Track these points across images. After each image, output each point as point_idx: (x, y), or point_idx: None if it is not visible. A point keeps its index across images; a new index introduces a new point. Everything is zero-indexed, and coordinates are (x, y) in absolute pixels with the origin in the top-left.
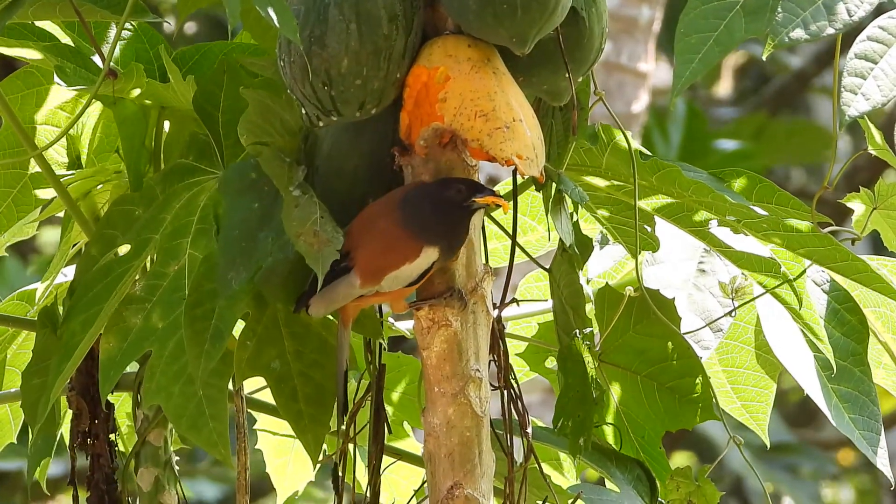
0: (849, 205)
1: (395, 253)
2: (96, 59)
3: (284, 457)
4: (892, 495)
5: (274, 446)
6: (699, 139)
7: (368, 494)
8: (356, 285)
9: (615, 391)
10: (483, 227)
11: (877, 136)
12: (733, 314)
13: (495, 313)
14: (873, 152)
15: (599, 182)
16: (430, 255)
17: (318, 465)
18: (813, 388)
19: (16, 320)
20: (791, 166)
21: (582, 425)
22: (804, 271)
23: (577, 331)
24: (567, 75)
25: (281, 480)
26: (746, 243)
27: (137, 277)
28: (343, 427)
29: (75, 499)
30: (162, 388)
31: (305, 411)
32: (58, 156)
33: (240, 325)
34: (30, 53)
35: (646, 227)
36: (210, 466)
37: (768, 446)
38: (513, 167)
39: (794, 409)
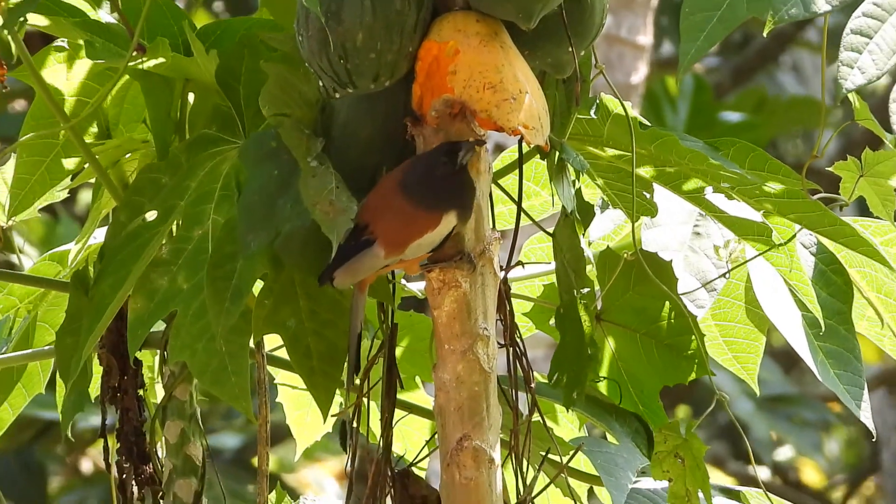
0: (837, 172)
1: (416, 224)
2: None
3: (303, 409)
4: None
5: (293, 399)
6: (705, 111)
7: (381, 445)
8: (381, 256)
9: (616, 348)
10: (490, 194)
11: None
12: (727, 276)
13: (502, 275)
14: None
15: (600, 152)
16: (449, 221)
17: (336, 418)
18: (800, 344)
19: (49, 282)
20: (791, 137)
21: (576, 379)
22: (794, 236)
23: (577, 291)
24: (570, 49)
25: (300, 431)
26: (739, 209)
27: (164, 242)
28: (356, 383)
29: (106, 450)
30: (187, 346)
31: (318, 367)
32: (88, 126)
33: (258, 287)
34: (61, 29)
35: (645, 193)
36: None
37: (758, 394)
38: (519, 136)
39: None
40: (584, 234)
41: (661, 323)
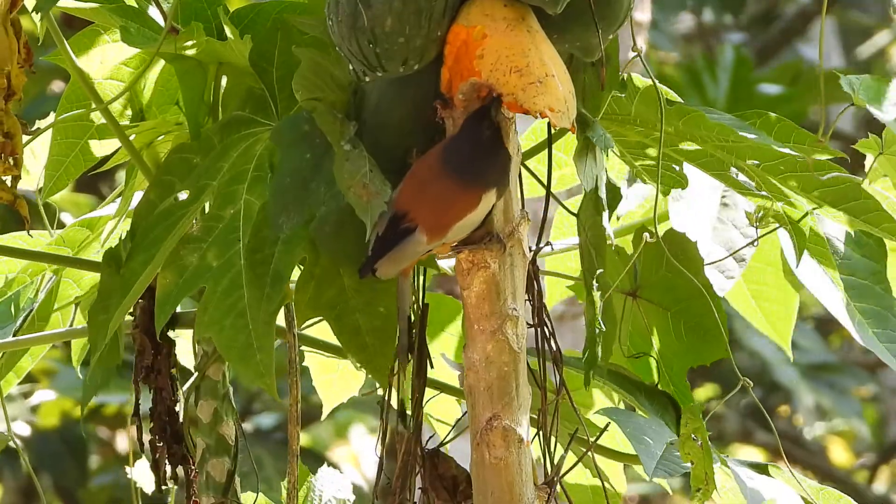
0: (860, 150)
1: (456, 206)
2: (157, 18)
3: (331, 374)
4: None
5: (320, 363)
6: (745, 84)
7: (412, 425)
8: (423, 242)
9: (650, 325)
10: (520, 176)
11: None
12: (755, 243)
13: (530, 255)
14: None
15: (629, 131)
16: (489, 199)
17: (363, 384)
18: (837, 307)
19: (83, 262)
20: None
21: (594, 356)
22: (806, 214)
23: (598, 269)
24: (597, 32)
25: (327, 395)
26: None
27: (195, 221)
28: (401, 368)
29: (139, 429)
30: (214, 322)
31: (370, 343)
32: (121, 108)
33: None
34: (96, 14)
35: (674, 166)
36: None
37: (791, 359)
38: (546, 119)
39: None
40: (609, 217)
41: (688, 302)
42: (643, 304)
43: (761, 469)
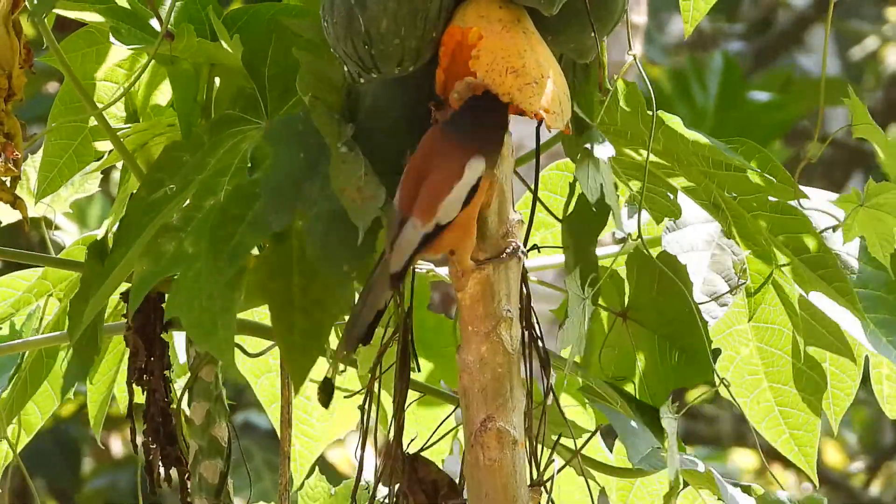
0: (838, 206)
1: (440, 179)
2: (154, 22)
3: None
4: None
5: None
6: (734, 90)
7: (393, 428)
8: (418, 226)
9: (636, 347)
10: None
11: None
12: (738, 291)
13: (524, 258)
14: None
15: (621, 143)
16: (476, 167)
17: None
18: (846, 319)
19: (80, 265)
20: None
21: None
22: (770, 275)
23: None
24: (592, 34)
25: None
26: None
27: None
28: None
29: (133, 431)
30: (184, 303)
31: (298, 343)
32: (116, 110)
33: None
34: (89, 15)
35: (668, 194)
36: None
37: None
38: (538, 122)
39: None
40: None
41: (677, 324)
42: (632, 326)
43: (744, 489)
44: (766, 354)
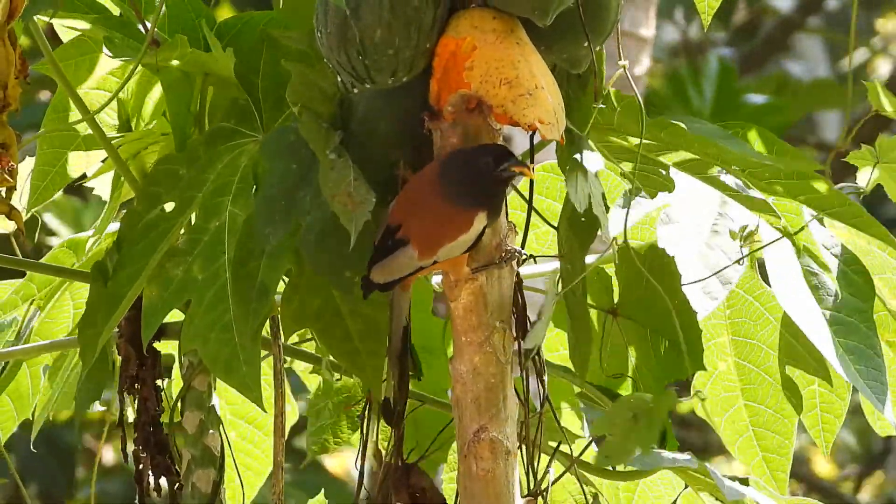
0: (852, 162)
1: (448, 226)
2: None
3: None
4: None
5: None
6: (730, 93)
7: (392, 438)
8: (415, 258)
9: (628, 343)
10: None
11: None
12: (742, 262)
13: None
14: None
15: (615, 138)
16: (480, 222)
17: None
18: (820, 339)
19: (67, 271)
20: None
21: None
22: (805, 225)
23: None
24: (586, 45)
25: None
26: (753, 194)
27: (182, 232)
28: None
29: (123, 440)
30: (199, 334)
31: (361, 347)
32: (109, 119)
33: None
34: (82, 24)
35: (660, 170)
36: None
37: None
38: (532, 132)
39: None
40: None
41: (668, 318)
42: (623, 322)
43: (742, 481)
44: (744, 371)
